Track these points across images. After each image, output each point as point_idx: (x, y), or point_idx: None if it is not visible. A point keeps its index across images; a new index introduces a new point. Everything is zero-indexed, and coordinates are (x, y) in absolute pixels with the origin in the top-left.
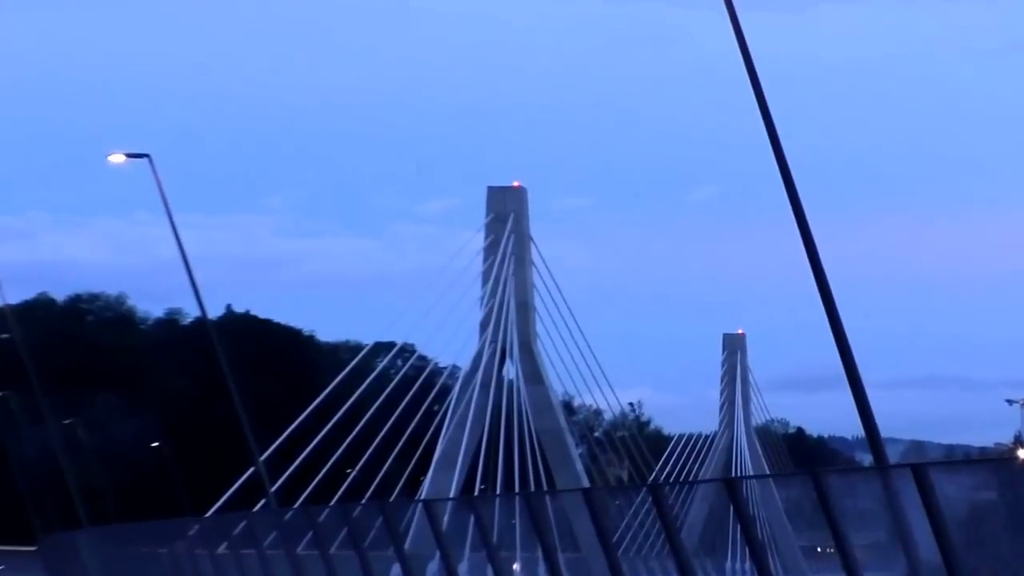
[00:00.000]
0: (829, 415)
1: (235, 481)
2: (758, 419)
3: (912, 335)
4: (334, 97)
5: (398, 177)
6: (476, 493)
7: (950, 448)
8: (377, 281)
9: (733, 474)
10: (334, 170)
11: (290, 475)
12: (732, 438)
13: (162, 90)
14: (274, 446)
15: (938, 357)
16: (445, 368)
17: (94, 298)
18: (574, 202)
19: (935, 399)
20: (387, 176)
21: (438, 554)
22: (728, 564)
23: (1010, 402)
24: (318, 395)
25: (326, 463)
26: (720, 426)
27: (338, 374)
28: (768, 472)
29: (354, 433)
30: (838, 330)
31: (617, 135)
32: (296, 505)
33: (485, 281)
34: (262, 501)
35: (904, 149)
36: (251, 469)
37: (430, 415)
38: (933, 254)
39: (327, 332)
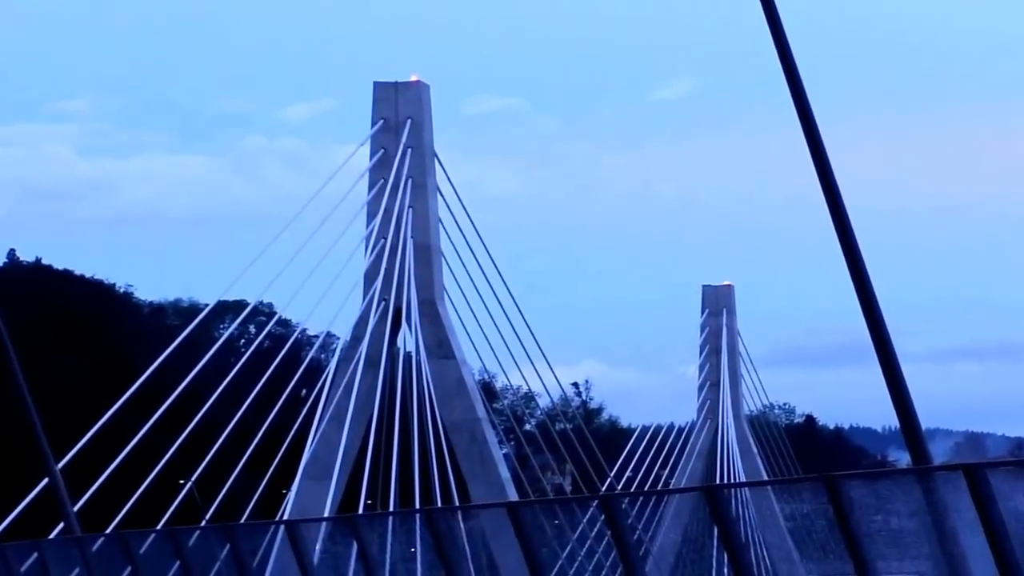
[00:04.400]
0: (851, 399)
1: (22, 498)
2: (752, 405)
3: (965, 289)
4: None
5: (249, 72)
6: (360, 510)
7: (1019, 443)
8: (220, 216)
9: (717, 480)
10: (158, 63)
11: (99, 488)
12: (716, 432)
13: None
14: (76, 449)
15: (1001, 319)
16: (316, 337)
17: None
18: (497, 103)
19: (996, 376)
20: (233, 71)
21: None
22: None
23: None
24: (137, 377)
25: (149, 472)
26: (700, 415)
27: (165, 347)
28: (766, 477)
29: (188, 429)
30: (862, 282)
31: (556, 11)
32: (108, 531)
33: (371, 216)
34: (59, 525)
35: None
36: (44, 481)
37: (296, 403)
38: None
39: (149, 288)
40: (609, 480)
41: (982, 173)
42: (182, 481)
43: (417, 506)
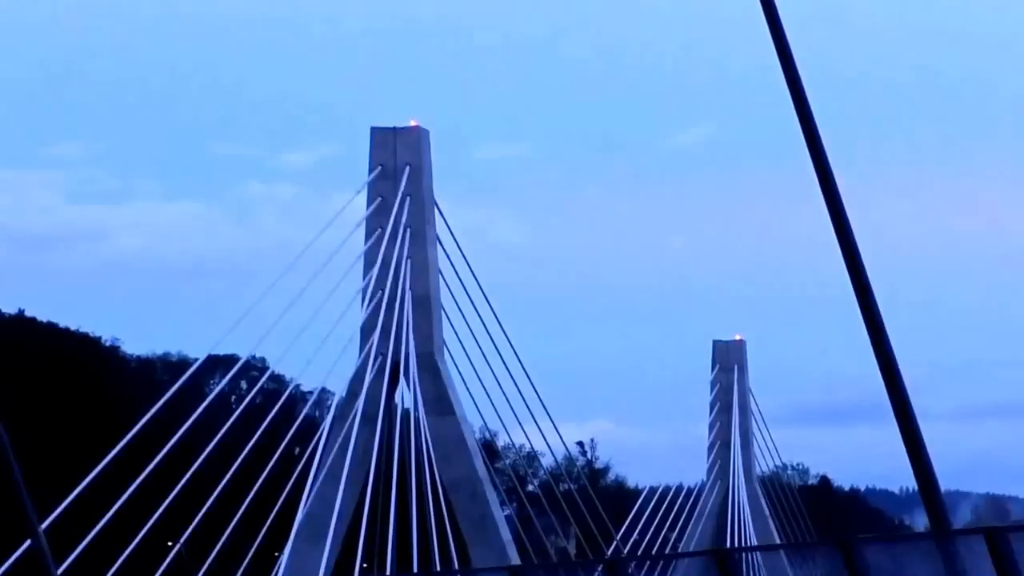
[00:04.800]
0: (867, 459)
1: (3, 561)
2: (764, 465)
3: (988, 345)
4: (153, 9)
5: (247, 116)
6: (356, 575)
7: None
8: (213, 266)
9: (727, 544)
10: (153, 107)
11: (85, 550)
12: (726, 492)
13: None
14: (61, 508)
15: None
16: (310, 393)
17: None
18: (503, 150)
19: (1021, 436)
20: (231, 115)
21: None
22: None
23: None
24: (124, 434)
25: (137, 533)
26: (710, 476)
27: (153, 403)
28: (778, 541)
29: (177, 489)
30: (880, 338)
31: (563, 55)
32: None
33: (368, 266)
34: None
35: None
36: (27, 543)
37: (289, 461)
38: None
39: (137, 342)
40: (615, 543)
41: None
42: (171, 543)
43: (415, 570)
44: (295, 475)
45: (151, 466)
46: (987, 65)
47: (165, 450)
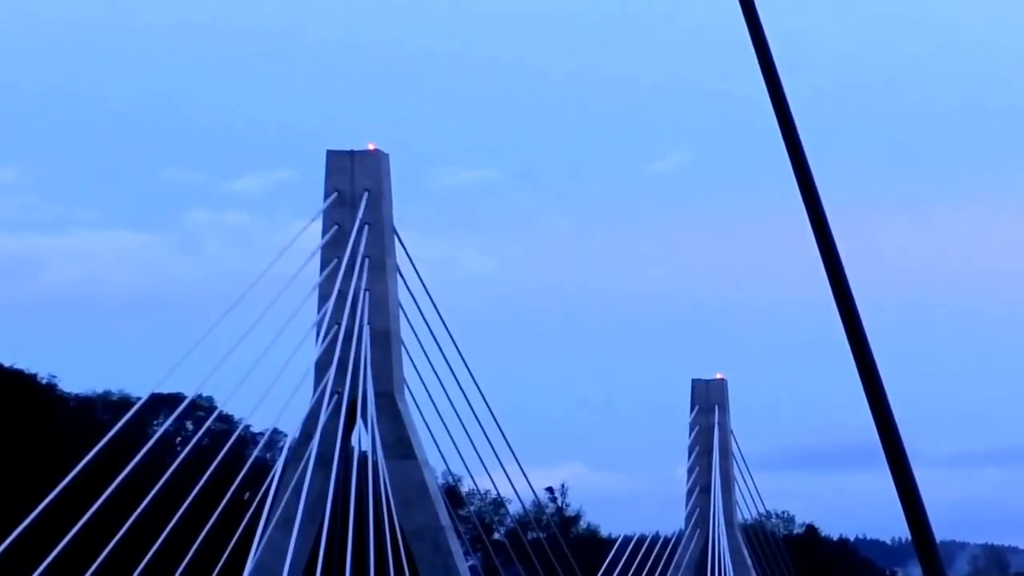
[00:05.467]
0: (857, 507)
1: None
2: (746, 513)
3: (987, 389)
4: (95, 26)
5: (194, 142)
6: None
7: None
8: (158, 299)
9: None
10: (94, 130)
11: None
12: (706, 542)
13: None
14: None
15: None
16: (261, 435)
17: None
18: (468, 175)
19: (1020, 484)
20: (178, 140)
21: None
22: None
23: None
24: (61, 478)
25: None
26: (688, 524)
27: (93, 444)
28: None
29: (118, 537)
30: (871, 378)
31: (536, 80)
32: None
33: (323, 299)
34: None
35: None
36: None
37: (238, 507)
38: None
39: (76, 379)
40: None
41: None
42: None
43: None
44: (244, 522)
45: (89, 513)
46: (992, 91)
47: (105, 496)
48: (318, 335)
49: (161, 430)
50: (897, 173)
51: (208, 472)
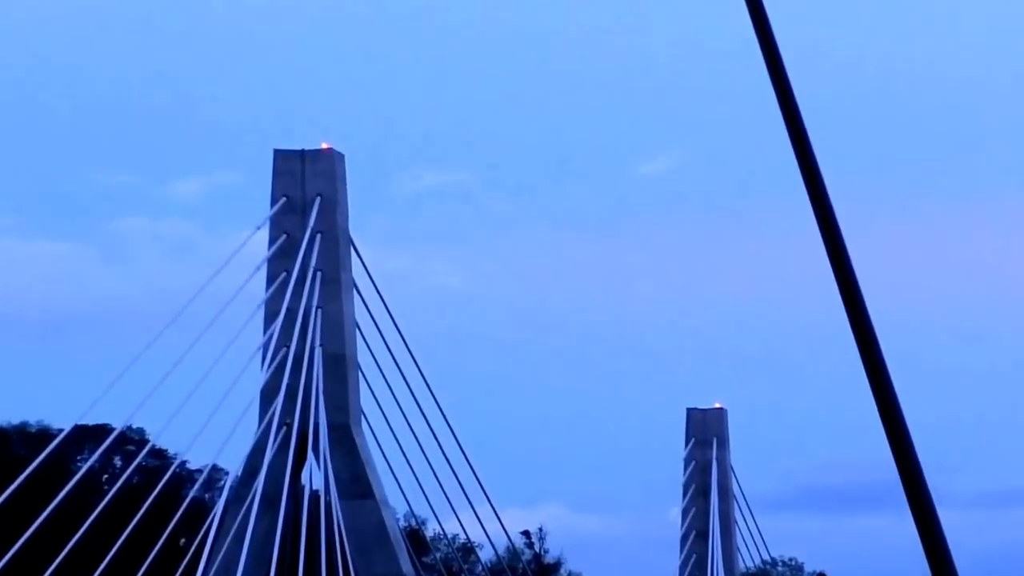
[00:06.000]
0: (874, 552)
1: None
2: (749, 560)
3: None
4: (15, 9)
5: (126, 140)
6: None
7: None
8: (83, 318)
9: None
10: (10, 127)
11: None
12: None
13: None
14: None
15: None
16: (199, 472)
17: None
18: (435, 178)
19: None
20: (107, 138)
21: None
22: None
23: None
24: None
25: None
26: (683, 572)
27: (8, 483)
28: None
29: None
30: (889, 406)
31: (513, 73)
32: None
33: (271, 318)
34: None
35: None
36: None
37: (174, 554)
38: None
39: None
40: None
41: None
42: None
43: None
44: (180, 570)
45: (7, 557)
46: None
47: (23, 539)
48: (264, 359)
49: (86, 467)
50: (924, 156)
51: (139, 514)
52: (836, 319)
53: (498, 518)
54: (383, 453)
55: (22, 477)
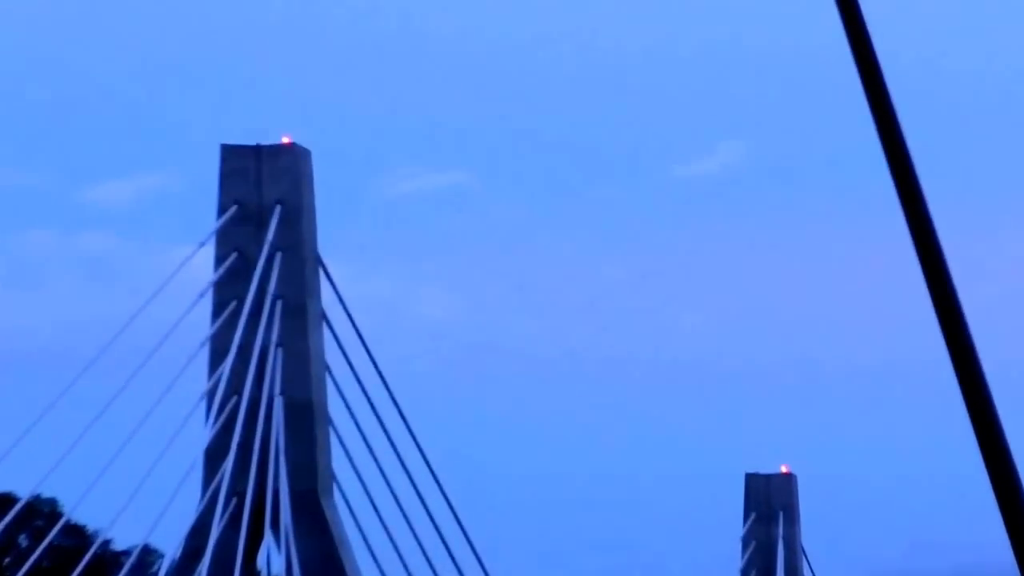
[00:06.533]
0: None
1: None
2: None
3: None
4: None
5: (35, 135)
6: None
7: None
8: None
9: None
10: None
11: None
12: None
13: None
14: None
15: None
16: (127, 553)
17: None
18: (428, 181)
19: None
20: (11, 132)
21: None
22: None
23: None
24: None
25: None
26: None
27: None
28: None
29: None
30: (1003, 474)
31: (527, 50)
32: None
33: (218, 358)
34: None
35: None
36: None
37: None
38: None
39: None
40: None
41: None
42: None
43: None
44: None
45: None
46: None
47: None
48: (210, 410)
49: None
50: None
51: None
52: (937, 358)
53: None
54: (360, 529)
55: None
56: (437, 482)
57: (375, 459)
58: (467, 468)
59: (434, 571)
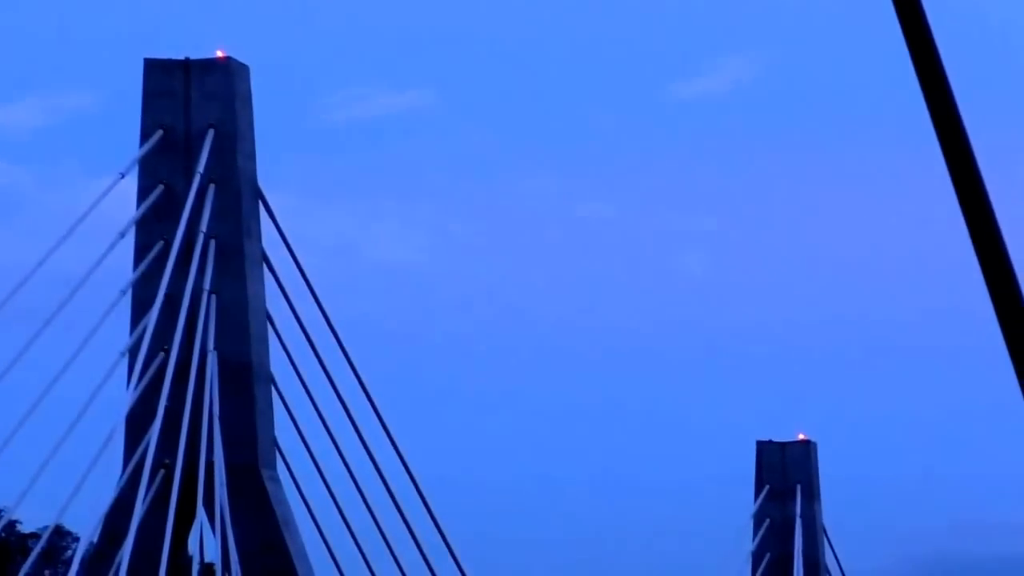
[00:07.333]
0: None
1: None
2: None
3: None
4: None
5: None
6: None
7: None
8: None
9: None
10: None
11: None
12: None
13: None
14: None
15: None
16: (35, 537)
17: None
18: (387, 101)
19: None
20: None
21: None
22: None
23: None
24: None
25: None
26: None
27: None
28: None
29: None
30: None
31: None
32: None
33: (142, 308)
34: None
35: None
36: None
37: None
38: None
39: None
40: None
41: None
42: None
43: None
44: None
45: None
46: None
47: None
48: (132, 370)
49: None
50: None
51: None
52: (977, 309)
53: None
54: (308, 508)
55: None
56: (398, 452)
57: (325, 426)
58: (433, 436)
59: (394, 555)
